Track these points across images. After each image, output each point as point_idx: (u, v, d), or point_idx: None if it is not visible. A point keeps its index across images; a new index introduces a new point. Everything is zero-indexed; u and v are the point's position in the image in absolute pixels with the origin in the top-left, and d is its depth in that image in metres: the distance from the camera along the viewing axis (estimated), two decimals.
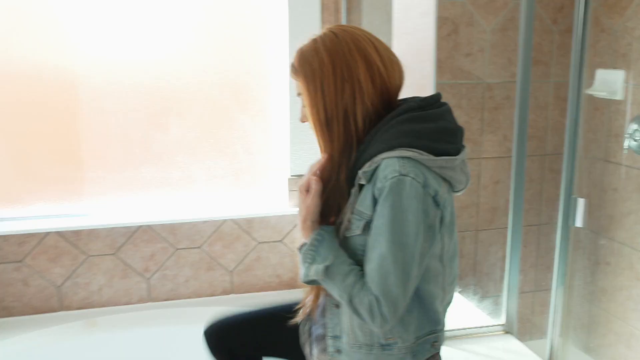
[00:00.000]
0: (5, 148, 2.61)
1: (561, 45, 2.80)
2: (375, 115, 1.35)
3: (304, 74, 1.36)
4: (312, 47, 1.36)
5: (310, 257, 1.34)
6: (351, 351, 1.44)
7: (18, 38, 2.52)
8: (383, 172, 1.27)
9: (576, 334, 2.58)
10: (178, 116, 2.72)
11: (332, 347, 1.48)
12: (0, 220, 2.63)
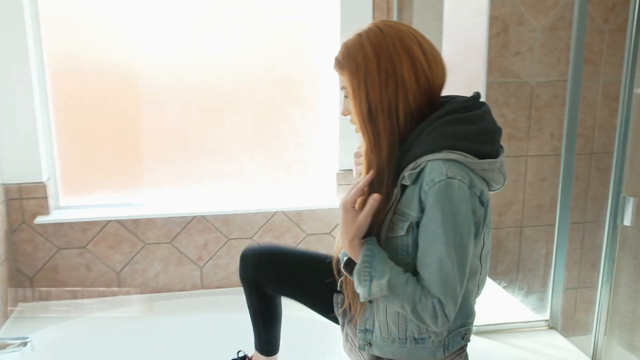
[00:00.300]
0: (73, 141, 2.69)
1: (611, 44, 2.74)
2: (418, 113, 1.32)
3: (348, 67, 1.34)
4: (357, 42, 1.33)
5: (368, 274, 1.29)
6: (384, 345, 1.45)
7: (86, 40, 2.60)
8: (430, 175, 1.25)
9: (621, 332, 2.53)
10: (232, 112, 2.76)
11: (362, 340, 1.48)
12: (66, 208, 2.71)
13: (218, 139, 2.77)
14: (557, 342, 2.05)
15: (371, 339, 1.47)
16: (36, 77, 2.50)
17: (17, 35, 2.41)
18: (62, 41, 2.57)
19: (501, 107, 2.76)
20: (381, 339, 1.45)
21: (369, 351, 1.48)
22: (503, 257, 2.91)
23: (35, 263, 2.63)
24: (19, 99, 2.46)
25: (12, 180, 2.52)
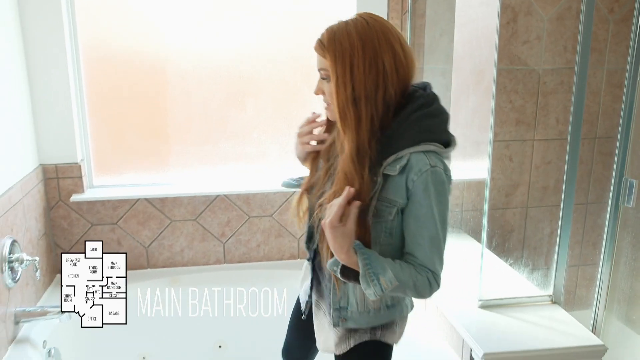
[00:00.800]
0: (105, 125, 2.73)
1: (616, 33, 2.73)
2: (395, 102, 1.36)
3: (333, 51, 1.34)
4: (344, 28, 1.35)
5: (373, 275, 1.33)
6: (359, 317, 1.52)
7: (117, 30, 2.63)
8: (417, 165, 1.32)
9: (619, 307, 2.56)
10: (254, 96, 2.79)
11: (337, 317, 1.53)
12: (98, 187, 2.76)
13: (240, 123, 2.80)
14: (560, 316, 2.07)
15: (346, 315, 1.53)
16: (72, 65, 2.54)
17: (55, 27, 2.45)
18: (95, 31, 2.61)
19: (509, 93, 2.77)
20: (357, 312, 1.52)
21: (344, 326, 1.54)
22: (509, 235, 2.94)
23: (71, 238, 2.69)
24: (56, 86, 2.50)
25: (50, 161, 2.58)
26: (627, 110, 2.02)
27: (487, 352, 1.84)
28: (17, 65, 2.37)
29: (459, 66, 2.74)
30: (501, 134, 2.82)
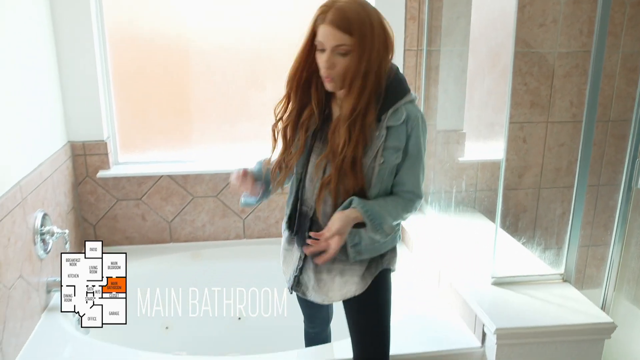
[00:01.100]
0: (130, 104, 2.77)
1: (632, 17, 2.72)
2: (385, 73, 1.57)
3: (358, 30, 1.47)
4: (360, 9, 1.48)
5: (378, 226, 1.59)
6: (371, 248, 1.69)
7: (142, 12, 2.66)
8: (412, 113, 1.58)
9: (629, 287, 2.58)
10: (273, 77, 2.81)
11: (354, 253, 1.67)
12: (124, 164, 2.81)
13: (260, 102, 2.83)
14: (571, 294, 2.09)
15: (360, 249, 1.67)
16: (98, 46, 2.58)
17: (82, 9, 2.48)
18: (120, 12, 2.64)
19: (524, 75, 2.78)
20: (369, 245, 1.68)
21: (361, 258, 1.69)
22: (522, 215, 2.97)
23: (98, 212, 2.75)
24: (83, 66, 2.54)
25: (77, 138, 2.63)
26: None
27: (500, 327, 1.88)
28: (46, 47, 2.41)
29: (475, 48, 2.74)
30: (515, 116, 2.83)
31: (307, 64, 1.57)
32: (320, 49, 1.52)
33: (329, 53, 1.50)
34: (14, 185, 1.96)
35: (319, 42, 1.51)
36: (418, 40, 2.70)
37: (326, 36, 1.48)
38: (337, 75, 1.52)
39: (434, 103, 2.79)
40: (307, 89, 1.63)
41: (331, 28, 1.47)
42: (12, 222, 1.92)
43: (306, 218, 1.70)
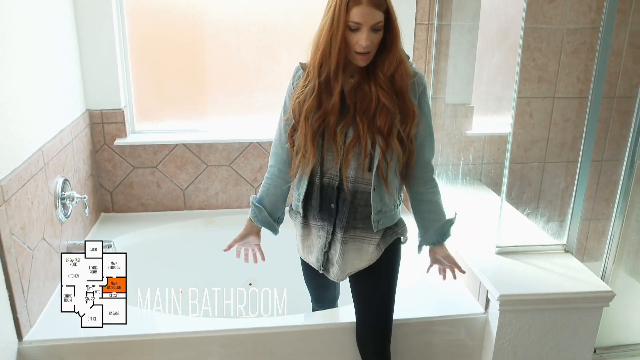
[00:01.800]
0: (147, 74, 2.79)
1: None
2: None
3: (387, 4, 1.54)
4: None
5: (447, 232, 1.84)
6: (391, 214, 1.76)
7: None
8: (420, 75, 1.69)
9: (628, 259, 2.61)
10: (286, 49, 2.82)
11: (376, 219, 1.72)
12: (140, 132, 2.84)
13: (274, 74, 2.84)
14: (572, 264, 2.13)
15: (382, 216, 1.74)
16: (116, 17, 2.59)
17: None
18: None
19: (533, 51, 2.78)
20: (391, 211, 1.75)
21: (381, 227, 1.75)
22: (527, 188, 2.99)
23: (114, 179, 2.79)
24: (102, 37, 2.56)
25: (95, 107, 2.66)
26: None
27: (503, 294, 1.93)
28: (67, 19, 2.43)
29: (485, 24, 2.74)
30: (523, 91, 2.84)
31: (343, 44, 1.55)
32: (355, 28, 1.52)
33: (367, 31, 1.51)
34: (37, 151, 2.00)
35: (354, 23, 1.51)
36: (429, 15, 2.70)
37: (364, 16, 1.49)
38: (373, 49, 1.56)
39: (443, 77, 2.80)
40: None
41: (369, 8, 1.49)
42: (35, 186, 1.96)
43: (331, 189, 1.72)
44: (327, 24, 1.54)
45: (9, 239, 1.73)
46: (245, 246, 2.00)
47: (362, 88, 1.62)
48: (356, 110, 1.63)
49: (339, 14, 1.51)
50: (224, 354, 1.97)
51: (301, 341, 2.01)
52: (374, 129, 1.62)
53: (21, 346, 1.83)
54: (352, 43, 1.54)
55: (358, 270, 1.79)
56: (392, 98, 1.61)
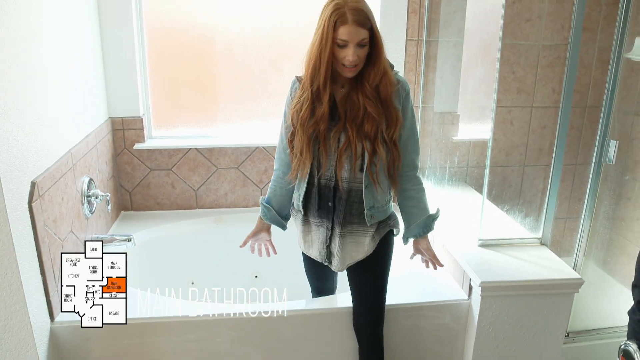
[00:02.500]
0: (163, 85, 2.86)
1: (607, 15, 2.79)
2: None
3: (371, 22, 1.61)
4: (366, 4, 1.63)
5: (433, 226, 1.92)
6: (383, 209, 1.84)
7: (175, 3, 2.75)
8: (404, 82, 1.77)
9: (597, 253, 2.69)
10: (290, 61, 2.89)
11: (368, 214, 1.80)
12: (157, 138, 2.92)
13: (278, 84, 2.91)
14: (547, 255, 2.21)
15: (375, 212, 1.81)
16: (137, 33, 2.68)
17: (124, 1, 2.59)
18: (156, 4, 2.74)
19: (512, 65, 2.87)
20: (380, 208, 1.82)
21: (374, 220, 1.83)
22: (507, 190, 3.07)
23: (133, 180, 2.87)
24: (123, 51, 2.65)
25: (117, 114, 2.74)
26: (611, 81, 2.13)
27: (484, 281, 2.01)
28: (93, 35, 2.52)
29: (469, 40, 2.83)
30: (504, 101, 2.93)
31: (331, 59, 1.62)
32: (342, 45, 1.60)
33: (354, 47, 1.60)
34: (66, 153, 2.10)
35: (342, 40, 1.59)
36: (418, 32, 2.79)
37: (350, 34, 1.57)
38: (360, 62, 1.64)
39: (431, 87, 2.88)
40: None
41: (354, 27, 1.57)
42: (65, 184, 2.06)
43: (328, 189, 1.81)
44: (317, 40, 1.62)
45: (42, 230, 1.82)
46: (258, 242, 2.08)
47: (352, 97, 1.70)
48: (346, 117, 1.71)
49: (327, 32, 1.58)
50: (233, 335, 2.04)
51: (303, 324, 2.08)
52: (362, 135, 1.70)
53: (53, 326, 1.91)
54: (340, 57, 1.62)
55: (356, 261, 1.88)
56: (377, 106, 1.68)
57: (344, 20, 1.57)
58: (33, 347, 1.76)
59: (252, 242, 2.07)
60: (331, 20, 1.57)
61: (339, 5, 1.58)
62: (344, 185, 1.78)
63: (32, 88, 1.82)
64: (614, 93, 2.13)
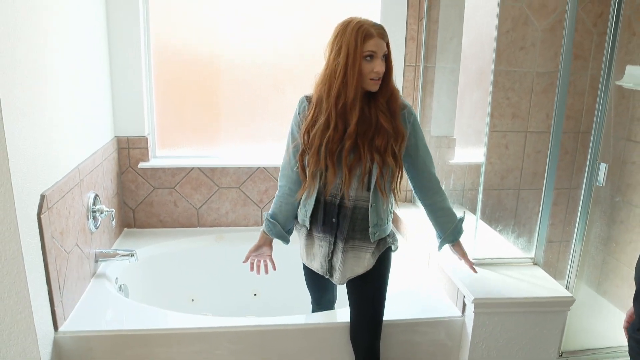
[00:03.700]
0: (168, 106, 2.94)
1: (599, 44, 2.87)
2: None
3: (389, 41, 1.74)
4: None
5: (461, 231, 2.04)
6: (385, 227, 1.91)
7: (180, 30, 2.86)
8: (410, 108, 1.86)
9: (590, 274, 2.72)
10: (292, 84, 2.98)
11: (373, 231, 1.87)
12: (160, 157, 2.99)
13: (280, 106, 2.99)
14: (539, 274, 2.26)
15: (379, 229, 1.88)
16: (144, 58, 2.77)
17: (133, 23, 2.69)
18: (163, 31, 2.84)
19: (507, 91, 2.95)
20: (384, 224, 1.90)
21: (378, 237, 1.89)
22: (502, 212, 3.13)
23: (137, 198, 2.93)
24: (131, 74, 2.74)
25: (122, 133, 2.82)
26: (601, 107, 2.21)
27: (477, 298, 2.06)
28: (102, 56, 2.63)
29: (465, 66, 2.91)
30: (499, 126, 3.00)
31: (360, 74, 1.71)
32: (369, 56, 1.70)
33: (379, 59, 1.71)
34: (74, 168, 2.18)
35: (370, 51, 1.69)
36: (416, 58, 2.88)
37: (377, 46, 1.70)
38: (380, 76, 1.73)
39: (429, 112, 2.96)
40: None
41: (379, 39, 1.70)
42: (72, 198, 2.13)
43: (333, 206, 1.87)
44: (343, 59, 1.70)
45: (50, 241, 1.89)
46: (259, 257, 2.12)
47: (364, 113, 1.77)
48: (357, 133, 1.77)
49: (355, 47, 1.68)
50: (232, 348, 2.08)
51: (302, 338, 2.12)
52: (373, 149, 1.77)
53: (57, 336, 1.96)
54: (367, 72, 1.71)
55: (356, 275, 1.94)
56: (389, 119, 1.77)
57: (370, 34, 1.68)
58: (37, 356, 1.80)
59: (252, 258, 2.11)
60: (359, 36, 1.68)
61: (362, 22, 1.71)
62: (350, 203, 1.85)
63: (43, 106, 1.90)
64: (603, 118, 2.20)
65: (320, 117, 1.78)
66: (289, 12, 2.89)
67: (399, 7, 2.81)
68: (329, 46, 1.76)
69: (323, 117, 1.77)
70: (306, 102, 1.88)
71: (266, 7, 2.88)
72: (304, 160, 1.86)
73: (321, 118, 1.77)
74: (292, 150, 1.91)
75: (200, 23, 2.85)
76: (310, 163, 1.82)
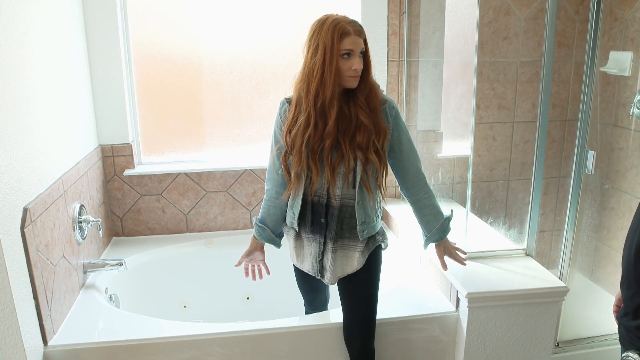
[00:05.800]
0: (151, 112, 2.92)
1: (582, 31, 2.88)
2: None
3: (366, 38, 1.74)
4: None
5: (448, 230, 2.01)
6: (374, 224, 1.90)
7: (161, 32, 2.83)
8: (390, 101, 1.86)
9: (582, 263, 2.73)
10: (275, 86, 2.96)
11: (361, 229, 1.86)
12: (146, 164, 2.96)
13: (264, 108, 2.98)
14: (532, 265, 2.26)
15: (367, 227, 1.87)
16: (125, 62, 2.74)
17: (111, 29, 2.65)
18: (144, 33, 2.81)
19: (492, 82, 2.96)
20: (371, 222, 1.88)
21: (366, 235, 1.89)
22: (493, 204, 3.14)
23: (124, 206, 2.91)
24: (112, 80, 2.71)
25: (106, 142, 2.79)
26: (587, 94, 2.21)
27: (470, 292, 2.05)
28: (82, 65, 2.59)
29: (449, 59, 2.91)
30: (485, 117, 3.01)
31: (337, 72, 1.71)
32: (346, 54, 1.69)
33: (357, 56, 1.70)
34: (58, 179, 2.15)
35: (347, 50, 1.69)
36: (399, 53, 2.88)
37: (354, 43, 1.69)
38: (358, 72, 1.73)
39: (414, 106, 2.96)
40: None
41: (356, 36, 1.69)
42: (57, 209, 2.10)
43: (320, 206, 1.87)
44: (320, 58, 1.69)
45: (35, 255, 1.86)
46: (252, 262, 2.11)
47: (343, 111, 1.77)
48: (339, 130, 1.77)
49: (332, 45, 1.68)
50: (225, 354, 2.06)
51: (295, 341, 2.10)
52: (355, 146, 1.77)
53: (46, 350, 1.94)
54: (345, 69, 1.70)
55: (347, 274, 1.93)
56: (369, 116, 1.76)
57: (347, 32, 1.68)
58: None
59: (246, 263, 2.10)
60: (335, 34, 1.67)
61: (338, 20, 1.70)
62: (337, 203, 1.85)
63: (23, 116, 1.87)
64: (589, 105, 2.20)
65: (301, 116, 1.78)
66: (268, 9, 2.88)
67: (379, 2, 2.79)
68: (306, 44, 1.76)
69: (303, 116, 1.77)
70: (287, 104, 1.87)
71: (244, 6, 2.86)
72: (287, 162, 1.85)
73: (301, 117, 1.77)
74: (275, 152, 1.91)
75: (179, 26, 2.83)
76: (294, 163, 1.82)
